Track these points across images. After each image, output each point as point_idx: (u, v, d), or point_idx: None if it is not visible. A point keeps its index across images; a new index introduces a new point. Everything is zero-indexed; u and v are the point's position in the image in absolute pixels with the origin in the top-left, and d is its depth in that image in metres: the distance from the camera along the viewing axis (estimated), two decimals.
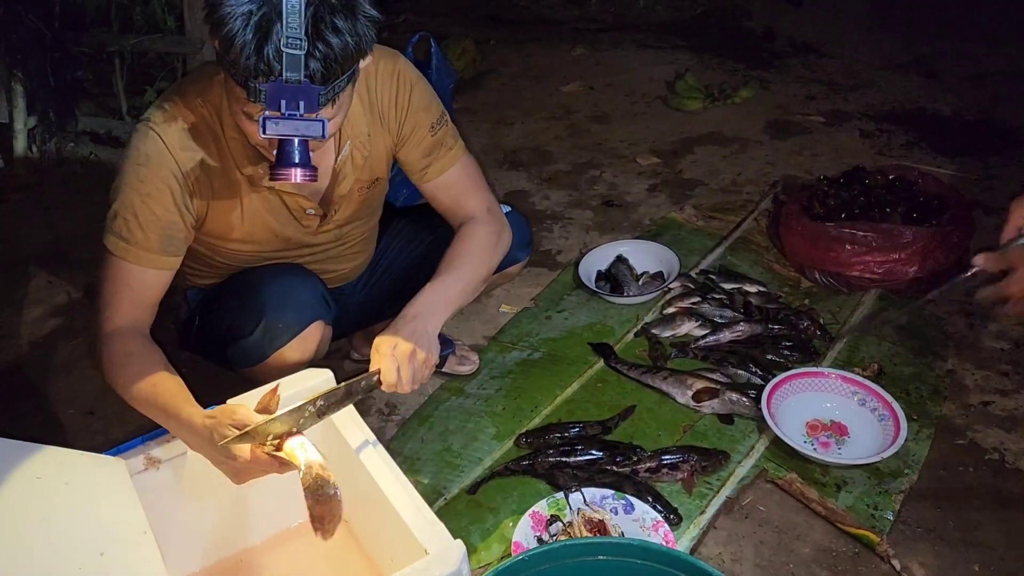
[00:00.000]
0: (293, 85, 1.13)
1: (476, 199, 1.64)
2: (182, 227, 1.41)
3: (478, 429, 1.81)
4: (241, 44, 1.12)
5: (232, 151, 1.41)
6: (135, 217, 1.35)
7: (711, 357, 1.98)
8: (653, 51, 4.14)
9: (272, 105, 1.14)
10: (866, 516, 1.57)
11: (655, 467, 1.66)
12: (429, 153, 1.59)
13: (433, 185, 1.62)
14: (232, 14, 1.13)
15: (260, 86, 1.14)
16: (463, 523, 1.58)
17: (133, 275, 1.38)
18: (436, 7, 4.89)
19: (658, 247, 2.34)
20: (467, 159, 1.65)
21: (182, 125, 1.37)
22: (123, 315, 1.37)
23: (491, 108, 3.54)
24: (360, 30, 1.18)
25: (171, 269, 1.42)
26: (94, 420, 1.89)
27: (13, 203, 2.83)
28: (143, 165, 1.35)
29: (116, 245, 1.37)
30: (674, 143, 3.19)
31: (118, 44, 3.05)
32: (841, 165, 2.72)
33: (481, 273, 1.57)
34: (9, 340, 2.17)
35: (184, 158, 1.37)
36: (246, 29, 1.12)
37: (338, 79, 1.19)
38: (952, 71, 3.71)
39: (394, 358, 1.31)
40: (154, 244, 1.37)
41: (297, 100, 1.14)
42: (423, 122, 1.56)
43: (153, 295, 1.41)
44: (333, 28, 1.15)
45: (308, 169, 1.20)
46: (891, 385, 1.85)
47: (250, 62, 1.12)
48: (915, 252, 2.13)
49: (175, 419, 1.24)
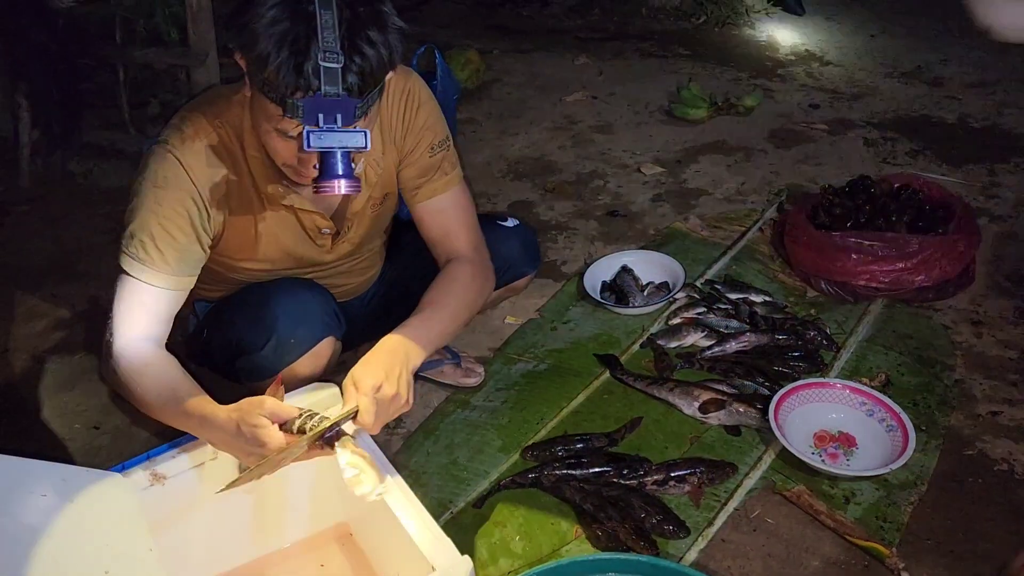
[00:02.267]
0: (331, 99, 1.14)
1: (464, 235, 1.63)
2: (199, 249, 1.41)
3: (484, 442, 1.80)
4: (278, 63, 1.13)
5: (253, 170, 1.41)
6: (152, 239, 1.36)
7: (717, 368, 1.97)
8: (656, 60, 4.15)
9: (310, 120, 1.15)
10: (875, 528, 1.55)
11: (662, 479, 1.65)
12: (424, 174, 1.59)
13: (423, 207, 1.62)
14: (265, 32, 1.13)
15: (298, 102, 1.14)
16: (470, 537, 1.57)
17: (148, 295, 1.38)
18: (440, 18, 4.90)
19: (663, 257, 2.33)
20: (461, 190, 1.64)
21: (200, 146, 1.37)
22: (138, 330, 1.37)
23: (495, 118, 3.54)
24: (392, 41, 1.20)
25: (186, 289, 1.43)
26: (99, 435, 1.88)
27: (17, 216, 2.84)
28: (161, 187, 1.36)
29: (132, 266, 1.37)
30: (678, 152, 3.18)
31: (122, 57, 3.05)
32: (846, 174, 2.71)
33: (464, 316, 1.56)
34: (13, 354, 2.17)
35: (202, 180, 1.38)
36: (281, 48, 1.13)
37: (372, 91, 1.20)
38: (957, 78, 3.71)
39: (375, 401, 1.27)
40: (171, 265, 1.38)
41: (335, 114, 1.15)
42: (424, 141, 1.56)
43: (167, 313, 1.42)
44: (368, 40, 1.16)
45: (352, 180, 1.21)
46: (899, 395, 1.84)
47: (289, 79, 1.13)
48: (921, 261, 2.12)
49: (198, 418, 1.24)
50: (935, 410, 1.84)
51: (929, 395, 1.88)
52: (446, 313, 1.50)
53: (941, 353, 2.02)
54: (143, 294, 1.38)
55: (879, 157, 3.06)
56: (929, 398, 1.87)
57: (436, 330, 1.47)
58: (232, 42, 1.20)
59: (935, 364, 1.98)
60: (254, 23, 1.14)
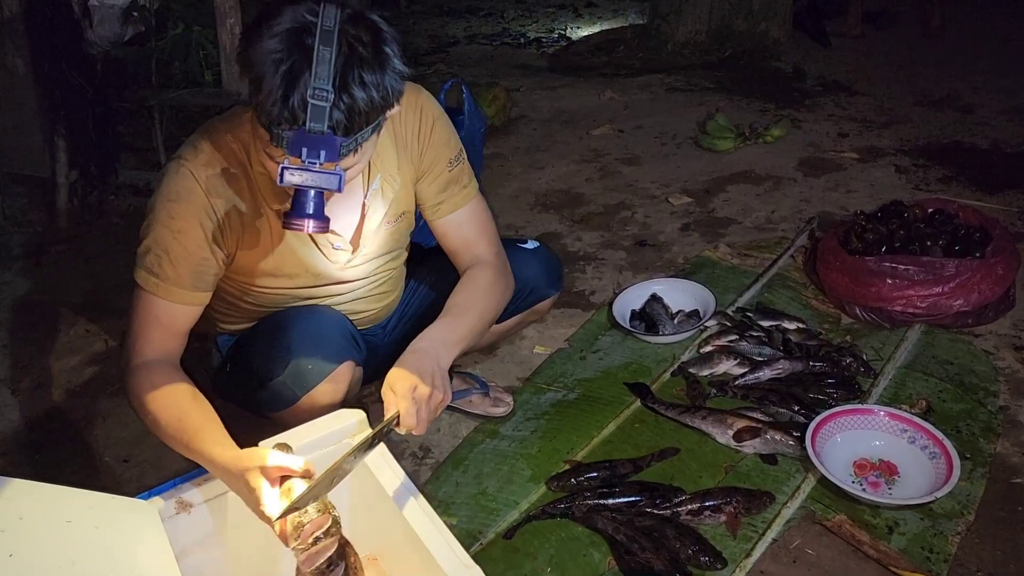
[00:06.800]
0: (316, 136, 1.12)
1: (485, 242, 1.64)
2: (213, 263, 1.41)
3: (513, 471, 1.77)
4: (268, 89, 1.13)
5: (260, 187, 1.42)
6: (166, 253, 1.36)
7: (751, 395, 1.93)
8: (682, 94, 4.16)
9: (293, 152, 1.14)
10: (922, 559, 1.49)
11: (697, 509, 1.60)
12: (445, 189, 1.59)
13: (445, 222, 1.63)
14: (264, 59, 1.13)
15: (283, 133, 1.14)
16: (499, 569, 1.53)
17: (163, 310, 1.39)
18: (467, 58, 4.98)
19: (693, 285, 2.30)
20: (479, 200, 1.65)
21: (214, 161, 1.38)
22: (152, 348, 1.37)
23: (522, 153, 3.56)
24: (388, 83, 1.19)
25: (201, 304, 1.43)
26: (128, 467, 1.88)
27: (55, 255, 2.89)
28: (174, 201, 1.36)
29: (147, 280, 1.38)
30: (706, 182, 3.17)
31: (158, 99, 3.13)
32: (877, 201, 2.68)
33: (489, 316, 1.56)
34: (48, 388, 2.19)
35: (215, 194, 1.38)
36: (275, 75, 1.12)
37: (362, 131, 1.19)
38: (988, 105, 3.67)
39: (414, 401, 1.28)
40: (185, 280, 1.38)
41: (318, 150, 1.14)
42: (442, 156, 1.57)
43: (183, 327, 1.42)
44: (360, 82, 1.15)
45: (321, 220, 1.20)
46: (941, 422, 1.78)
47: (275, 109, 1.13)
48: (959, 285, 2.07)
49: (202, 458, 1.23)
50: (979, 437, 1.77)
51: (973, 422, 1.82)
52: (472, 314, 1.51)
53: (983, 379, 1.96)
54: (158, 311, 1.39)
55: (911, 184, 3.02)
56: (973, 425, 1.81)
57: (463, 331, 1.47)
58: (238, 59, 1.21)
59: (978, 390, 1.92)
60: (257, 46, 1.14)
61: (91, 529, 1.14)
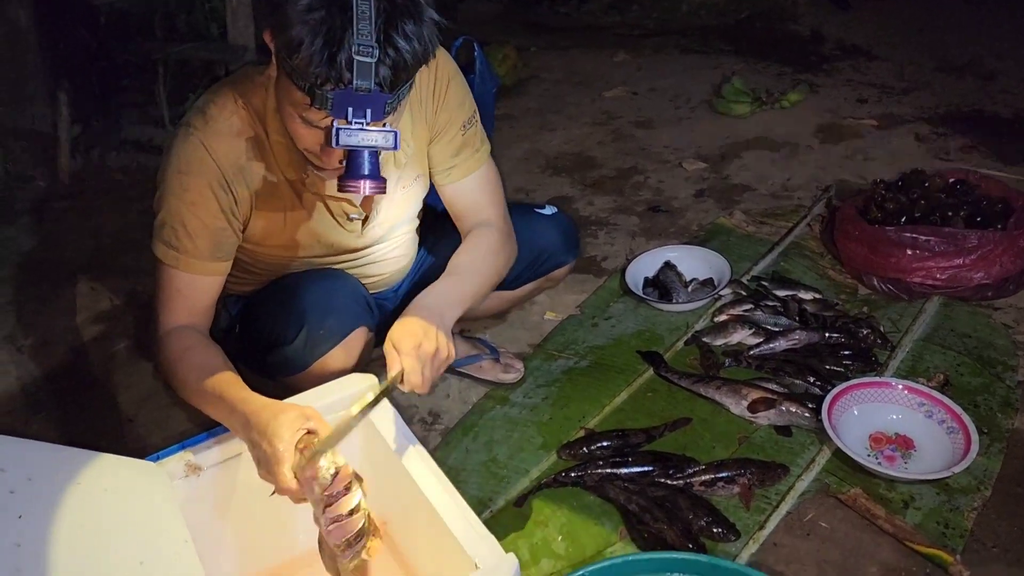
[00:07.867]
0: (362, 94, 1.09)
1: (494, 208, 1.60)
2: (230, 232, 1.38)
3: (524, 439, 1.75)
4: (310, 52, 1.08)
5: (276, 155, 1.38)
6: (183, 226, 1.33)
7: (766, 366, 1.90)
8: (697, 56, 4.07)
9: (338, 113, 1.10)
10: (937, 534, 1.47)
11: (710, 480, 1.58)
12: (457, 153, 1.55)
13: (456, 187, 1.58)
14: (300, 19, 1.08)
15: (327, 93, 1.10)
16: (510, 537, 1.52)
17: (184, 282, 1.37)
18: (477, 16, 4.87)
19: (707, 253, 2.27)
20: (490, 164, 1.61)
21: (224, 129, 1.34)
22: (178, 319, 1.36)
23: (533, 114, 3.50)
24: (426, 34, 1.15)
25: (222, 274, 1.41)
26: (133, 427, 1.87)
27: (58, 211, 2.85)
28: (186, 173, 1.33)
29: (166, 254, 1.35)
30: (721, 148, 3.11)
31: (162, 53, 3.06)
32: (896, 169, 2.62)
33: (492, 279, 1.53)
34: (52, 346, 2.17)
35: (227, 163, 1.34)
36: (316, 37, 1.07)
37: (403, 86, 1.15)
38: (1011, 72, 3.58)
39: (419, 359, 1.25)
40: (204, 251, 1.35)
41: (364, 108, 1.10)
42: (456, 118, 1.52)
43: (207, 299, 1.40)
44: (403, 34, 1.11)
45: (377, 181, 1.17)
46: (958, 396, 1.75)
47: (320, 70, 1.08)
48: (980, 257, 2.03)
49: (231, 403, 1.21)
50: (997, 412, 1.75)
51: (991, 396, 1.79)
52: (475, 275, 1.48)
53: (1002, 353, 1.92)
54: (179, 283, 1.37)
55: (931, 153, 2.96)
56: (991, 399, 1.78)
57: (465, 290, 1.44)
58: (266, 20, 1.16)
59: (996, 364, 1.89)
60: (290, 6, 1.09)
61: (101, 492, 1.12)
